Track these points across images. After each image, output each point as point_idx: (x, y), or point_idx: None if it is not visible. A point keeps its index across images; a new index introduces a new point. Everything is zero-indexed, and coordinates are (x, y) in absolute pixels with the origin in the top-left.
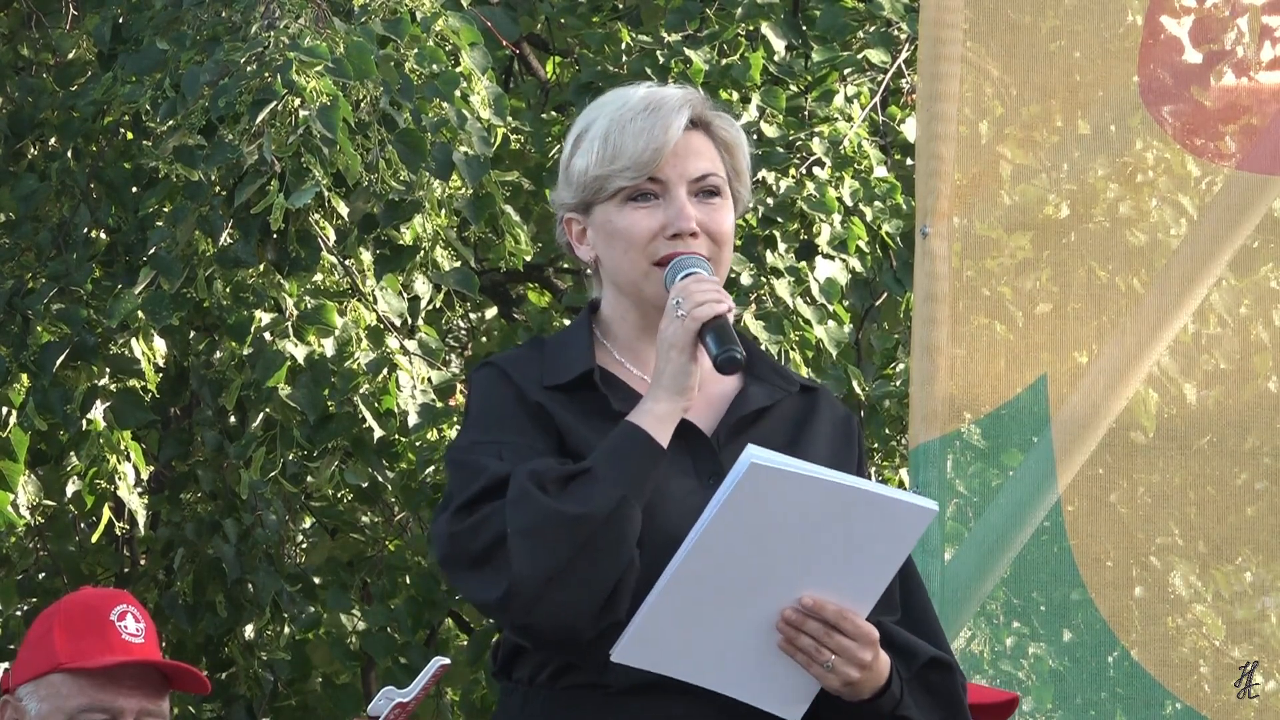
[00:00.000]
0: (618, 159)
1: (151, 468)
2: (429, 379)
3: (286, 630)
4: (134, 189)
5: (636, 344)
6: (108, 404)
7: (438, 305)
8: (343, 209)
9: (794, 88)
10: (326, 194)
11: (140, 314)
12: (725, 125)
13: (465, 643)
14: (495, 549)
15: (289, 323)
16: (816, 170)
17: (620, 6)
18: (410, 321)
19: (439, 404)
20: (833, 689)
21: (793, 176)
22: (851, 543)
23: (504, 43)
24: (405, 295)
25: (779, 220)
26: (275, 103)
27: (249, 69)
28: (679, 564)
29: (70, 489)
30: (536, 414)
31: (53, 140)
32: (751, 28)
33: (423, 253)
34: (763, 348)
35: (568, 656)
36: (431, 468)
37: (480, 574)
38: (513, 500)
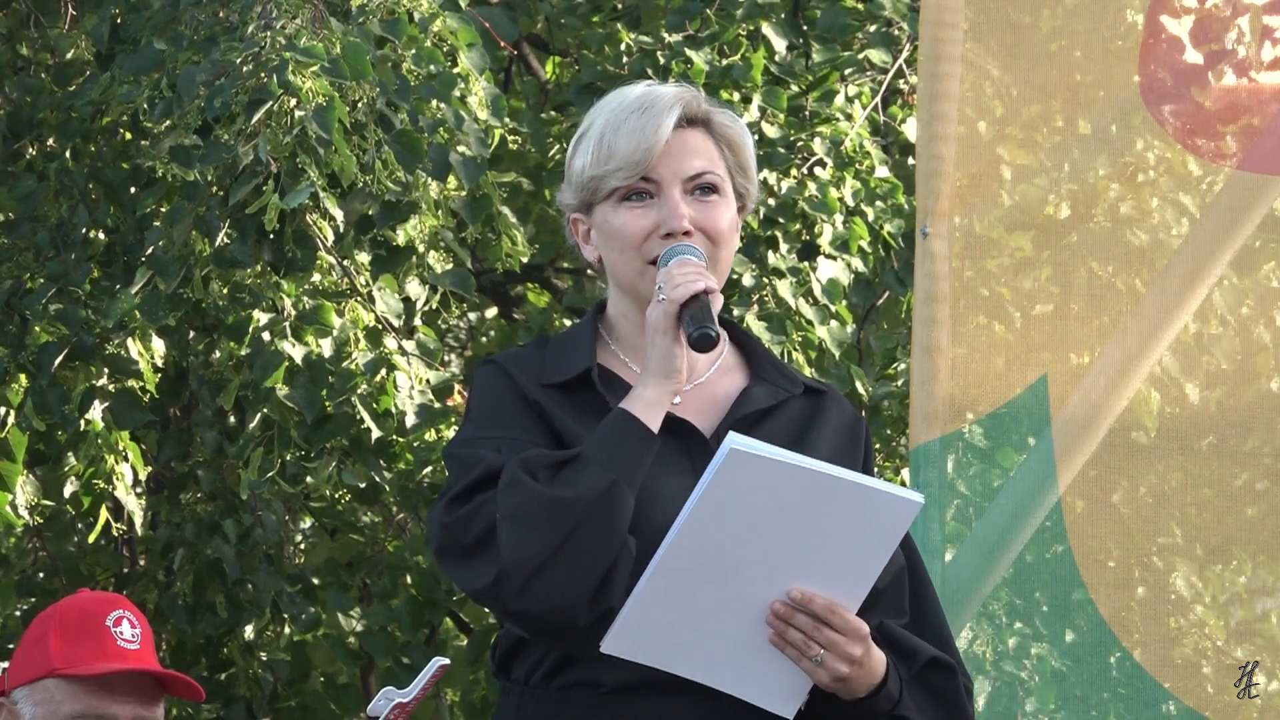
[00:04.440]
0: (612, 159)
1: (150, 468)
2: (427, 379)
3: (286, 631)
4: (132, 189)
5: (639, 343)
6: (106, 404)
7: (433, 306)
8: (336, 211)
9: (795, 88)
10: (322, 195)
11: (137, 314)
12: (727, 121)
13: (465, 643)
14: (487, 537)
15: (287, 323)
16: (818, 170)
17: (620, 6)
18: (408, 322)
19: (437, 404)
20: (823, 684)
21: (794, 177)
22: (837, 534)
23: (502, 43)
24: (402, 296)
25: (781, 221)
26: (271, 103)
27: (245, 69)
28: (665, 552)
29: (68, 489)
30: (534, 411)
31: (51, 140)
32: (752, 28)
33: (418, 254)
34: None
35: (563, 646)
36: (429, 468)
37: (472, 562)
38: (504, 487)
